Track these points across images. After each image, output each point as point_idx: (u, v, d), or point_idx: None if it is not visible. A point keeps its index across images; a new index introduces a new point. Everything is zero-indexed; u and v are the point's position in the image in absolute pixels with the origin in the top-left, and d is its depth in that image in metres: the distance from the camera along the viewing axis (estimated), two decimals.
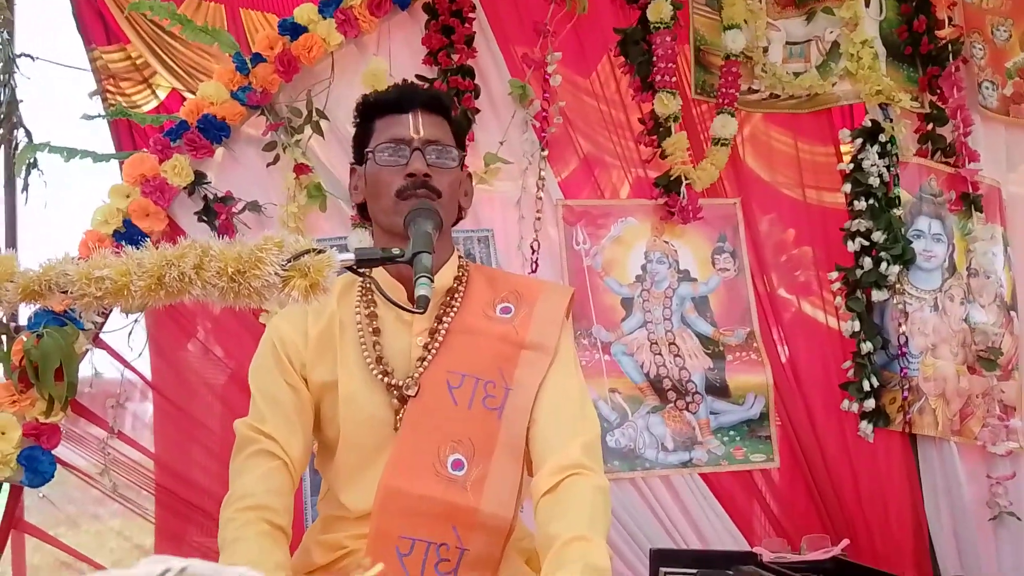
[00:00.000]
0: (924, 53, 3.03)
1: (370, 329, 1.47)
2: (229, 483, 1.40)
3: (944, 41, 3.01)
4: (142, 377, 2.42)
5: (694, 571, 1.89)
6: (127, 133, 3.45)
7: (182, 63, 3.63)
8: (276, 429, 1.42)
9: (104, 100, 3.67)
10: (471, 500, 1.36)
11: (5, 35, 2.88)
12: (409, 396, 1.41)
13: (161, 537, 2.38)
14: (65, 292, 1.18)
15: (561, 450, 1.37)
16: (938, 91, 3.00)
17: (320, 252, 1.16)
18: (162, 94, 3.71)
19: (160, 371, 2.46)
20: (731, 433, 2.60)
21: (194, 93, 3.59)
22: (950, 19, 3.05)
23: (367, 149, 1.51)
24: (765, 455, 2.62)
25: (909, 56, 3.06)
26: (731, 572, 1.87)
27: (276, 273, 1.14)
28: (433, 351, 1.45)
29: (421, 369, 1.43)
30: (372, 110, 1.54)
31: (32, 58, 2.94)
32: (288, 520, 1.40)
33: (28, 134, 2.89)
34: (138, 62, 3.68)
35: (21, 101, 2.98)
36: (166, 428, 2.45)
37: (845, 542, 2.17)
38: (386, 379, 1.43)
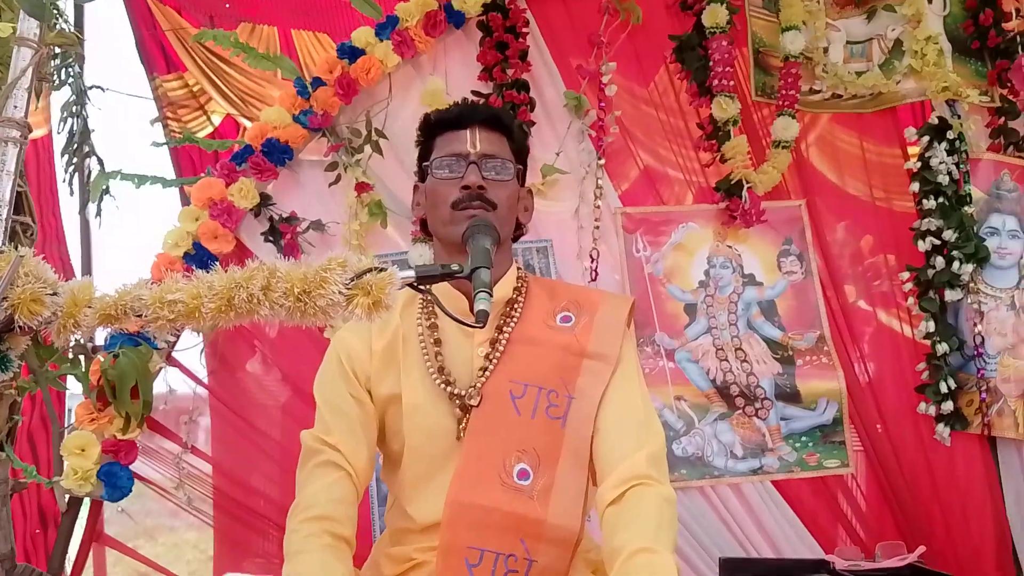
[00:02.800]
0: (992, 47, 2.95)
1: (432, 340, 1.49)
2: (296, 493, 1.42)
3: (1012, 33, 2.92)
4: (211, 391, 2.49)
5: None
6: (187, 157, 3.60)
7: (236, 89, 3.77)
8: (341, 441, 1.44)
9: (165, 126, 3.83)
10: (538, 510, 1.35)
11: (77, 68, 2.98)
12: (472, 406, 1.42)
13: (221, 543, 2.43)
14: (140, 316, 1.22)
15: (626, 461, 1.36)
16: (1008, 84, 2.91)
17: (382, 270, 1.18)
18: (217, 120, 3.86)
19: (225, 384, 2.53)
20: (803, 439, 2.55)
21: (247, 118, 3.73)
22: (1017, 10, 2.95)
23: (426, 164, 1.53)
24: (839, 461, 2.55)
25: (976, 50, 2.98)
26: None
27: (340, 292, 1.17)
28: (494, 361, 1.45)
29: (483, 379, 1.44)
30: (433, 128, 1.56)
31: (102, 89, 3.05)
32: (352, 530, 1.41)
33: (100, 162, 3.00)
34: (195, 89, 3.83)
35: (93, 131, 3.09)
36: (226, 436, 2.50)
37: (921, 549, 2.10)
38: (449, 388, 1.44)
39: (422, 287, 1.26)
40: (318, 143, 2.61)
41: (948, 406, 2.60)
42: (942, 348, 2.64)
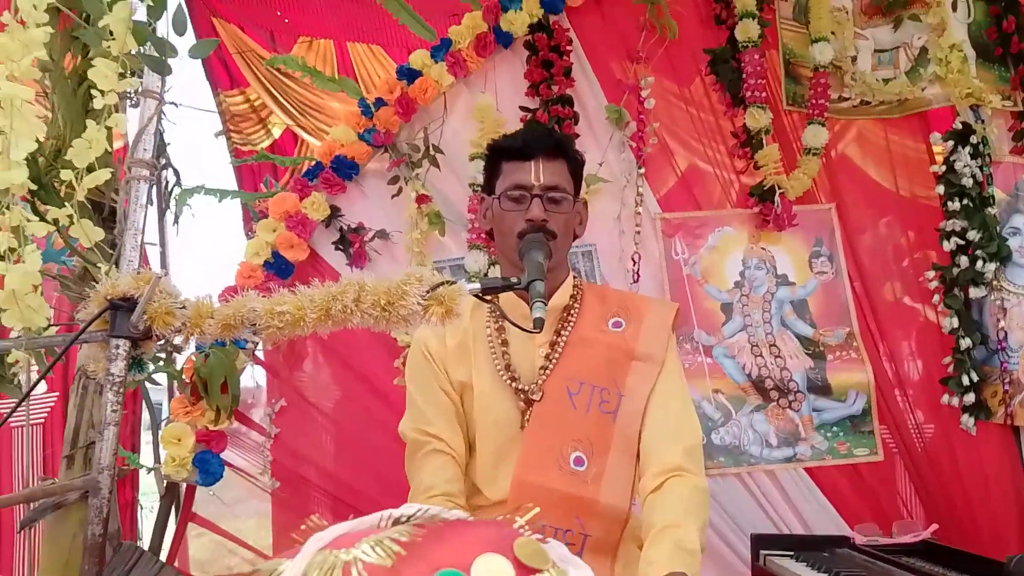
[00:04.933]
0: (1015, 52, 3.09)
1: (499, 341, 1.71)
2: (409, 482, 1.65)
3: None
4: (288, 384, 2.73)
5: (791, 553, 2.05)
6: (248, 169, 3.85)
7: (295, 102, 4.01)
8: (441, 430, 1.66)
9: (228, 139, 4.09)
10: (592, 492, 1.57)
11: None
12: (535, 400, 1.64)
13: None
14: (254, 325, 1.45)
15: (665, 454, 1.58)
16: None
17: (452, 283, 1.40)
18: (276, 132, 4.11)
19: (299, 377, 2.77)
20: (834, 429, 2.74)
21: (304, 129, 3.97)
22: None
23: (496, 193, 1.71)
24: (869, 449, 2.74)
25: (1000, 56, 3.12)
26: (826, 554, 2.02)
27: (418, 303, 1.38)
28: (554, 361, 1.66)
29: (544, 376, 1.65)
30: (500, 153, 1.74)
31: (176, 105, 3.28)
32: (466, 503, 1.63)
33: (176, 173, 3.24)
34: (256, 104, 4.08)
35: (169, 144, 3.34)
36: (296, 421, 2.74)
37: (934, 526, 2.28)
38: (514, 384, 1.66)
39: (486, 297, 1.48)
40: (381, 158, 2.81)
41: (970, 398, 2.77)
42: (965, 343, 2.81)
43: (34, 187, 1.44)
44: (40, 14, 1.45)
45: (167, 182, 3.29)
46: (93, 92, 1.46)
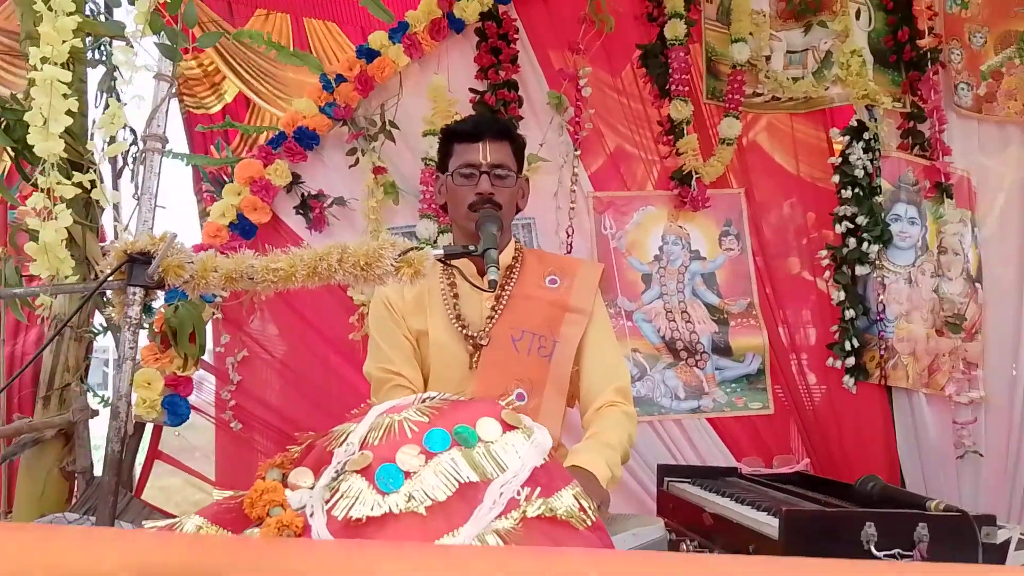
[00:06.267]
0: (907, 60, 3.50)
1: (451, 294, 2.00)
2: None
3: (924, 49, 3.47)
4: (249, 335, 2.99)
5: (690, 480, 2.43)
6: (198, 134, 4.04)
7: (248, 66, 4.19)
8: (402, 368, 1.94)
9: (180, 101, 4.25)
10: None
11: (109, 48, 3.32)
12: (482, 345, 1.93)
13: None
14: (252, 279, 1.72)
15: (600, 394, 1.93)
16: (918, 93, 3.47)
17: (420, 249, 1.69)
18: (228, 97, 4.28)
19: (260, 328, 3.03)
20: (733, 385, 3.14)
21: (256, 94, 4.15)
22: (931, 29, 3.50)
23: (448, 170, 2.00)
24: (761, 403, 3.15)
25: (894, 63, 3.53)
26: (718, 481, 2.41)
27: (392, 264, 1.67)
28: (499, 312, 1.96)
29: (491, 325, 1.95)
30: (453, 136, 2.02)
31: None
32: None
33: (134, 133, 3.41)
34: (209, 68, 4.25)
35: (125, 104, 3.50)
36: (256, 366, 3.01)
37: (807, 460, 2.71)
38: (464, 331, 1.95)
39: (449, 262, 1.79)
40: (340, 131, 3.06)
41: (851, 361, 3.20)
42: (850, 314, 3.23)
43: (65, 155, 1.68)
44: (68, 3, 1.68)
45: (125, 141, 3.48)
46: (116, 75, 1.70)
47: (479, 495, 1.13)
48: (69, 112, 1.68)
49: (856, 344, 3.21)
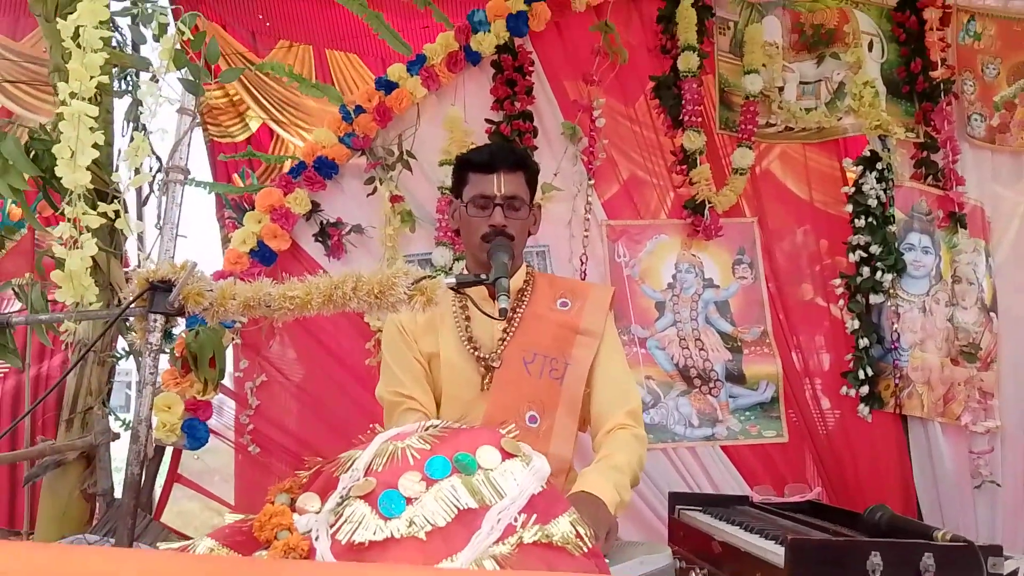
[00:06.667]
0: (920, 91, 3.53)
1: (463, 317, 2.03)
2: None
3: (937, 80, 3.49)
4: (268, 360, 3.05)
5: (701, 508, 2.44)
6: (222, 163, 4.12)
7: (271, 97, 4.28)
8: (414, 391, 1.97)
9: (205, 130, 4.34)
10: (543, 445, 1.90)
11: (135, 79, 3.40)
12: (494, 367, 1.96)
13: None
14: (269, 306, 1.77)
15: (611, 417, 1.94)
16: (931, 123, 3.48)
17: (433, 278, 1.74)
18: (254, 125, 4.37)
19: (279, 353, 3.09)
20: (747, 413, 3.15)
21: (279, 124, 4.24)
22: (943, 60, 3.53)
23: (463, 199, 2.03)
24: (776, 431, 3.16)
25: (907, 93, 3.56)
26: (728, 509, 2.41)
27: (405, 292, 1.72)
28: (510, 334, 1.99)
29: (502, 347, 1.97)
30: (468, 165, 2.05)
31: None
32: None
33: (159, 161, 3.48)
34: (234, 98, 4.34)
35: (151, 133, 3.59)
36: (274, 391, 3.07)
37: (819, 489, 2.71)
38: (476, 352, 1.98)
39: (460, 290, 1.83)
40: (358, 160, 3.14)
41: (864, 390, 3.20)
42: (864, 342, 3.24)
43: (91, 186, 1.75)
44: (96, 40, 1.76)
45: (151, 170, 3.57)
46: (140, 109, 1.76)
47: (478, 521, 1.16)
48: (95, 145, 1.75)
49: (870, 373, 3.22)
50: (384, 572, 0.81)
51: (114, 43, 2.75)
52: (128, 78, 3.34)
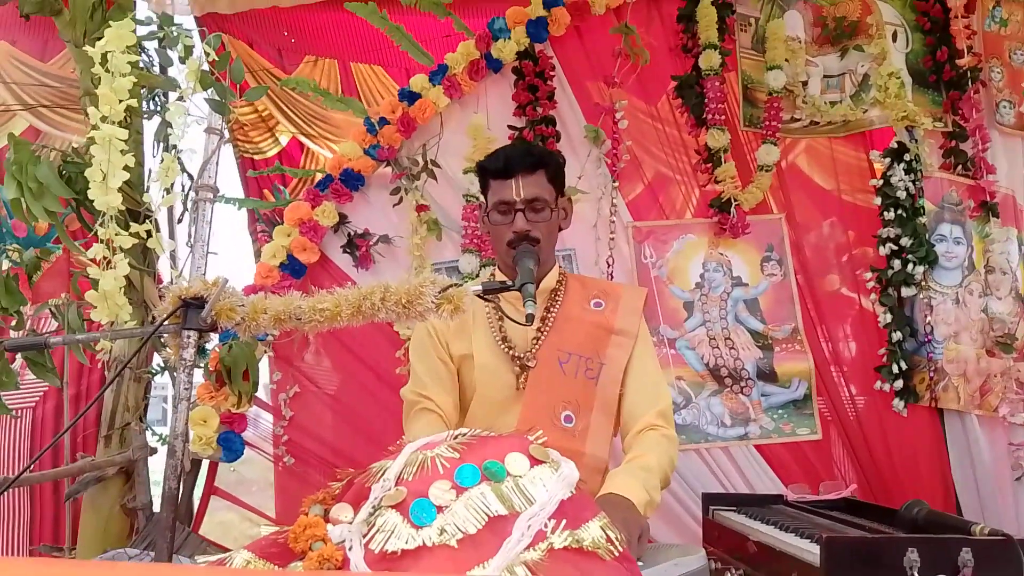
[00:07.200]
0: (947, 80, 3.48)
1: (496, 318, 2.05)
2: (404, 432, 2.00)
3: (964, 68, 3.45)
4: (302, 372, 3.09)
5: (735, 508, 2.44)
6: (253, 178, 4.17)
7: (300, 112, 4.33)
8: (433, 392, 2.00)
9: (235, 147, 4.40)
10: (579, 445, 1.92)
11: (163, 98, 3.45)
12: (529, 367, 1.98)
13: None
14: (299, 319, 1.80)
15: (642, 417, 1.96)
16: (959, 112, 3.44)
17: (459, 286, 1.75)
18: (284, 140, 4.42)
19: (312, 366, 3.13)
20: (779, 411, 3.13)
21: (308, 138, 4.29)
22: (970, 48, 3.48)
23: (487, 206, 2.05)
24: (809, 429, 3.13)
25: (933, 82, 3.51)
26: (763, 508, 2.40)
27: (432, 301, 1.73)
28: (545, 334, 2.01)
29: (537, 346, 1.99)
30: (486, 172, 2.07)
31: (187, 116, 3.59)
32: None
33: (191, 178, 3.54)
34: (264, 114, 4.39)
35: (182, 152, 3.64)
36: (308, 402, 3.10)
37: (854, 486, 2.69)
38: (511, 352, 2.00)
39: (487, 297, 1.84)
40: (384, 171, 3.17)
41: (899, 384, 3.16)
42: (897, 336, 3.20)
43: (123, 207, 1.79)
44: (124, 65, 1.80)
45: (183, 187, 3.62)
46: (169, 131, 1.80)
47: (508, 527, 1.17)
48: (126, 167, 1.79)
49: (904, 367, 3.18)
50: None
51: (142, 64, 2.80)
52: (156, 98, 3.41)
